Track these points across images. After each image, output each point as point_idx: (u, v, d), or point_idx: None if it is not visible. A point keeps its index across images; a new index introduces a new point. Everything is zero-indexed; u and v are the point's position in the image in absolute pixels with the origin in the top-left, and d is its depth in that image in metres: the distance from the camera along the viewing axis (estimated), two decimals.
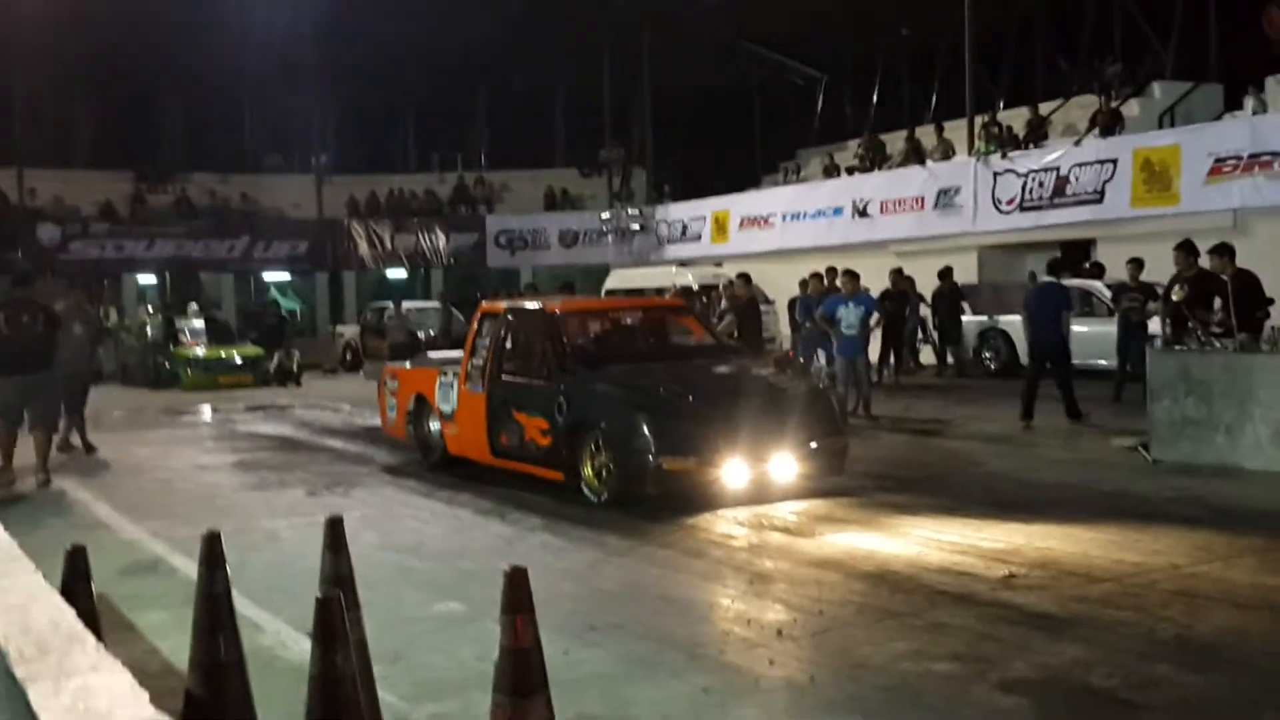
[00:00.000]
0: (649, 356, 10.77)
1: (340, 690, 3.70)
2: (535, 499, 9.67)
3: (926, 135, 25.57)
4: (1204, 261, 11.82)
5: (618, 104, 32.41)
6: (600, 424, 9.37)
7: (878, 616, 6.12)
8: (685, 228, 29.05)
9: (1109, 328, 15.92)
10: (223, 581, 4.60)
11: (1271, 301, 11.48)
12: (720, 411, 9.22)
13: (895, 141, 26.67)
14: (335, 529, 5.10)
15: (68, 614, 2.77)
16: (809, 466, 9.38)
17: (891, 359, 19.25)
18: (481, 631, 5.60)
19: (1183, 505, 8.75)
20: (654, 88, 30.74)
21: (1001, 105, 25.54)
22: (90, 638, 2.55)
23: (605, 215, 30.57)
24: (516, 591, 3.75)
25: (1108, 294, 17.16)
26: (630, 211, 30.20)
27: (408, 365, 12.70)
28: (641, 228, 29.73)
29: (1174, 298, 11.70)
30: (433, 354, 13.24)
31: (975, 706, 4.84)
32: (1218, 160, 18.10)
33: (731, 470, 8.98)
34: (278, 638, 6.02)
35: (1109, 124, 20.89)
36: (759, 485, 9.13)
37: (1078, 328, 18.30)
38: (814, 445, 9.40)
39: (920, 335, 20.83)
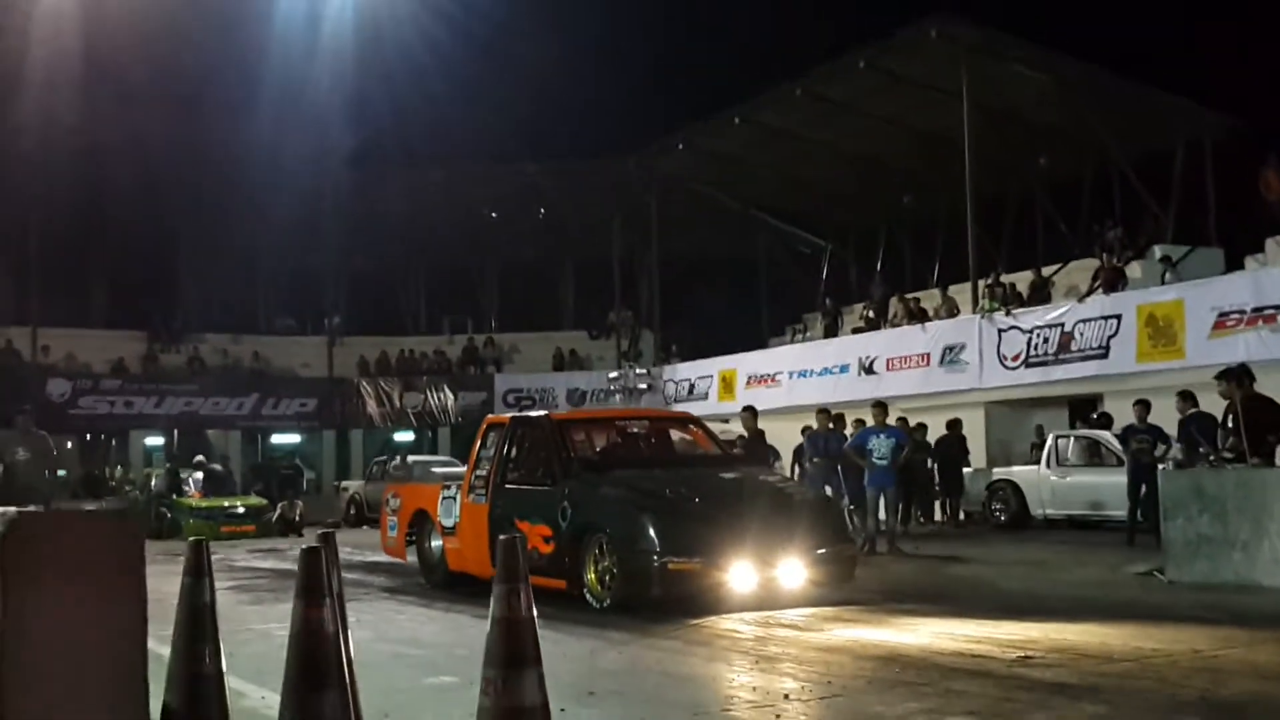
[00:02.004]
0: (654, 463, 10.64)
1: (322, 643, 3.60)
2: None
3: (931, 298, 25.81)
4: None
5: (627, 269, 32.93)
6: (605, 527, 9.20)
7: (889, 686, 5.89)
8: (693, 386, 29.11)
9: (1120, 478, 15.66)
10: (208, 591, 4.49)
11: None
12: (727, 514, 9.06)
13: (899, 306, 26.92)
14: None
15: None
16: (817, 573, 9.15)
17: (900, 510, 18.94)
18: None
19: (1201, 610, 8.48)
20: (662, 253, 31.26)
21: (1003, 270, 25.83)
22: None
23: (613, 375, 30.64)
24: (510, 561, 3.63)
25: (1117, 445, 16.96)
26: (638, 371, 30.31)
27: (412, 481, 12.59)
28: (649, 386, 29.75)
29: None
30: (437, 469, 13.13)
31: None
32: (1221, 314, 18.15)
33: (738, 573, 8.76)
34: (263, 701, 5.87)
35: (1112, 280, 21.07)
36: (766, 590, 8.89)
37: (1089, 478, 18.38)
38: (822, 551, 9.21)
39: (934, 486, 20.59)
